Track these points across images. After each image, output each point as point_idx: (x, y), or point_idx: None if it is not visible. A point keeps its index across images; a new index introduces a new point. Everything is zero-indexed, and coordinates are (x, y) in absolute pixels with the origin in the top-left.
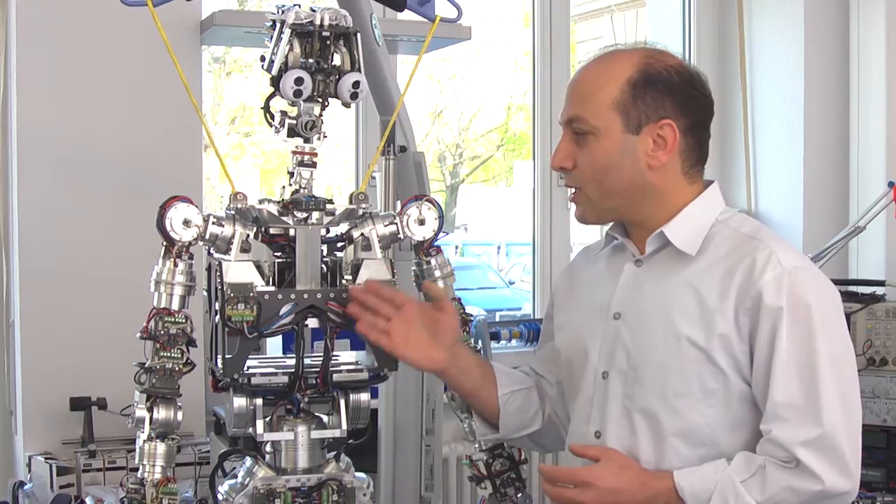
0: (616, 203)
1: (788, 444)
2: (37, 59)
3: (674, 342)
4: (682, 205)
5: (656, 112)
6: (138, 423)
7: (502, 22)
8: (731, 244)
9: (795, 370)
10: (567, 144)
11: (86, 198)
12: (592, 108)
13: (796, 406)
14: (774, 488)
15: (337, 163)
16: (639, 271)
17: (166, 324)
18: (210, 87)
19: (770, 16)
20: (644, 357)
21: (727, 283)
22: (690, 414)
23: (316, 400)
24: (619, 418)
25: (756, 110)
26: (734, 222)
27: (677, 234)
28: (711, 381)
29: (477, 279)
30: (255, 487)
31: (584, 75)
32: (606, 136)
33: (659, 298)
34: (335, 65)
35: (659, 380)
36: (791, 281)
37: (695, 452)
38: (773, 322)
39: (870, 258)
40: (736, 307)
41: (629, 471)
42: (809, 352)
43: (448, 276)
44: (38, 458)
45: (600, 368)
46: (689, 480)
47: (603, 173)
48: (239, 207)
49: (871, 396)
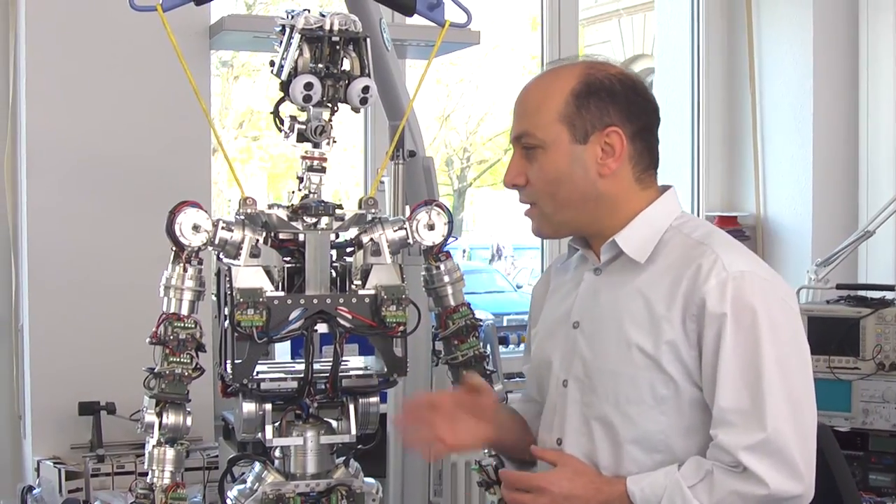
0: (570, 215)
1: (732, 448)
2: (46, 65)
3: (625, 350)
4: (635, 211)
5: (601, 120)
6: (147, 428)
7: (510, 26)
8: (680, 250)
9: (740, 375)
10: (518, 161)
11: (95, 203)
12: (538, 122)
13: (742, 411)
14: (722, 493)
15: (346, 167)
16: (597, 280)
17: (176, 329)
18: (218, 90)
19: (779, 21)
20: (598, 365)
21: (674, 290)
22: (643, 421)
23: (325, 405)
24: (578, 426)
25: (765, 115)
26: (687, 228)
27: (628, 241)
28: (662, 388)
29: (484, 283)
30: (264, 493)
31: (528, 92)
32: (554, 149)
33: (613, 307)
34: (345, 70)
35: (612, 388)
36: (735, 286)
37: (651, 458)
38: (718, 328)
39: (879, 263)
40: (683, 314)
41: (583, 476)
42: (754, 356)
43: (457, 281)
44: (47, 462)
45: (561, 377)
46: (640, 486)
47: (555, 186)
48: (248, 212)
49: (881, 401)
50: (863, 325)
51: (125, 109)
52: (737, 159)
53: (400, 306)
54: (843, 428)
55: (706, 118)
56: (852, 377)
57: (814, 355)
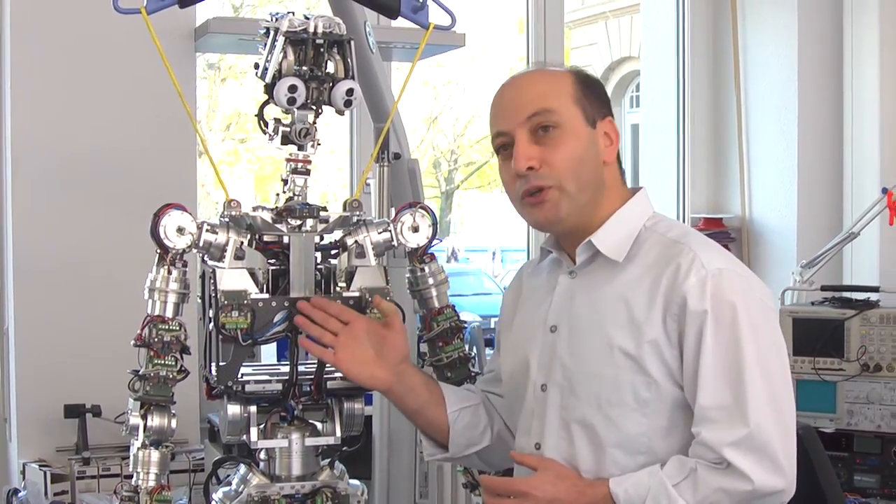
0: (588, 197)
1: (716, 445)
2: (30, 67)
3: (606, 352)
4: (611, 210)
5: (601, 110)
6: (132, 431)
7: (497, 28)
8: (657, 250)
9: (722, 372)
10: (528, 145)
11: (80, 205)
12: (554, 102)
13: (724, 408)
14: (706, 490)
15: (331, 169)
16: (573, 283)
17: (160, 331)
18: (205, 93)
19: (764, 23)
20: (579, 368)
21: (654, 290)
22: (625, 423)
23: (310, 407)
24: (557, 429)
25: (750, 117)
26: (661, 227)
27: (604, 241)
28: (644, 390)
29: (471, 285)
30: (249, 495)
31: (527, 80)
32: (572, 129)
33: (592, 310)
34: (329, 72)
35: (593, 390)
36: (714, 283)
37: (633, 461)
38: (699, 326)
39: (864, 264)
40: (663, 313)
41: (566, 480)
42: (735, 353)
43: (442, 283)
44: (33, 465)
45: (539, 381)
46: (624, 487)
47: (578, 164)
48: (233, 215)
49: (866, 402)
50: (847, 326)
51: (110, 112)
52: (722, 161)
53: None
54: (828, 429)
55: (692, 120)
56: (837, 378)
57: (798, 356)
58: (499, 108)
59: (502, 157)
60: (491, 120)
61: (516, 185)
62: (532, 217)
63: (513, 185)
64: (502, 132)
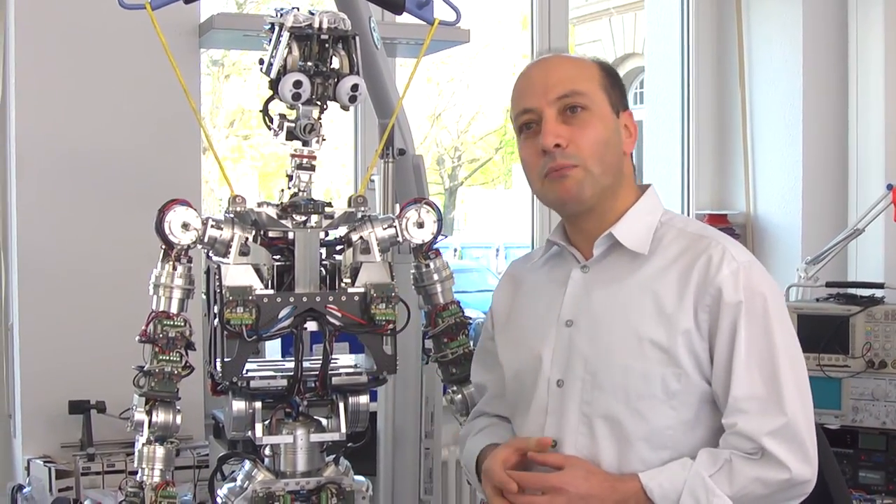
0: (609, 181)
1: (755, 434)
2: (35, 63)
3: (635, 344)
4: (627, 205)
5: (622, 101)
6: (137, 427)
7: (501, 24)
8: (681, 244)
9: (756, 363)
10: (556, 123)
11: (84, 201)
12: (584, 85)
13: (758, 398)
14: (743, 480)
15: (336, 165)
16: (587, 277)
17: (165, 327)
18: (209, 89)
19: (768, 18)
20: (603, 361)
21: (684, 281)
22: (653, 416)
23: (315, 403)
24: (577, 425)
25: (755, 113)
26: (678, 223)
27: (626, 234)
28: (674, 382)
29: (475, 282)
30: (254, 491)
31: (556, 62)
32: (600, 112)
33: (614, 303)
34: (334, 68)
35: (620, 383)
36: (746, 275)
37: (657, 456)
38: (734, 317)
39: (869, 260)
40: (695, 305)
41: (596, 475)
42: (768, 344)
43: (447, 279)
44: (37, 461)
45: (554, 377)
46: (658, 481)
47: (604, 147)
48: (238, 211)
49: (871, 399)
50: (852, 322)
51: (115, 108)
52: (727, 157)
53: (389, 304)
54: (833, 426)
55: (696, 116)
56: (842, 375)
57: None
58: (525, 87)
59: (525, 135)
60: (515, 98)
61: (540, 162)
62: (554, 193)
63: (536, 163)
64: (529, 109)
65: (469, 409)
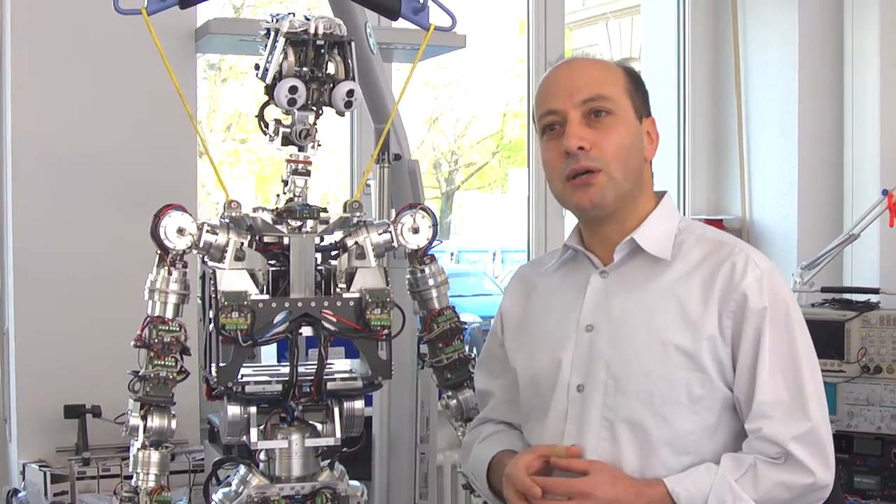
0: (630, 186)
1: (782, 439)
2: (31, 67)
3: (659, 349)
4: (647, 211)
5: (645, 107)
6: (132, 432)
7: (497, 29)
8: (702, 250)
9: (780, 369)
10: (580, 127)
11: (80, 206)
12: (609, 90)
13: (782, 403)
14: (767, 485)
15: (332, 170)
16: (606, 282)
17: (160, 332)
18: (205, 93)
19: (764, 24)
20: (627, 366)
21: (708, 287)
22: (677, 421)
23: (310, 408)
24: (598, 430)
25: (750, 118)
26: (697, 229)
27: (647, 240)
28: (698, 387)
29: (472, 286)
30: (249, 495)
31: (581, 66)
32: (624, 118)
33: (637, 308)
34: (329, 73)
35: (645, 388)
36: (769, 281)
37: (679, 461)
38: (758, 322)
39: (864, 266)
40: (720, 311)
41: (622, 480)
42: (791, 350)
43: (442, 284)
44: (33, 465)
45: (574, 382)
46: (684, 485)
47: (627, 152)
48: (233, 216)
49: (866, 404)
50: (848, 328)
51: (111, 112)
52: (723, 162)
53: (384, 309)
54: None
55: (692, 121)
56: (837, 380)
57: None
58: (551, 89)
59: (548, 136)
60: (540, 99)
61: (562, 164)
62: (576, 200)
63: (558, 165)
64: (553, 111)
65: (464, 415)
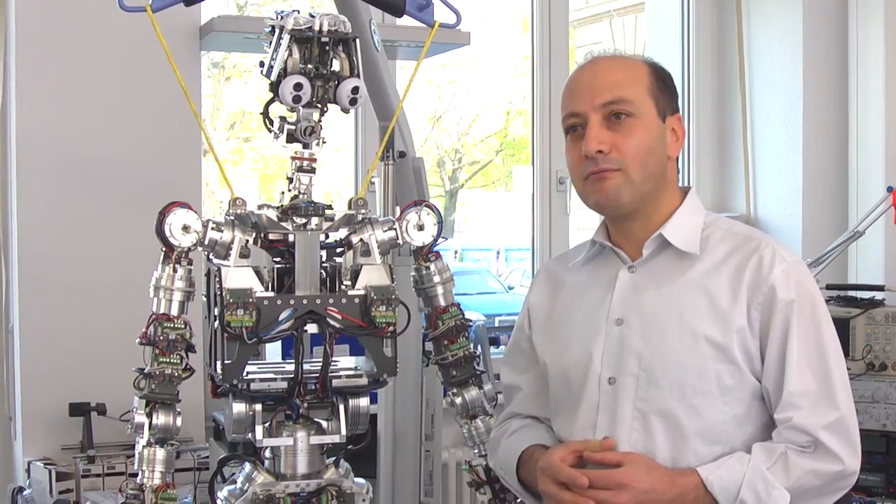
0: (650, 187)
1: (812, 428)
2: (36, 65)
3: (690, 341)
4: (673, 207)
5: (670, 105)
6: (137, 429)
7: (501, 27)
8: (729, 244)
9: (807, 359)
10: (598, 130)
11: (85, 203)
12: (630, 92)
13: (811, 394)
14: (798, 473)
15: (336, 168)
16: (635, 277)
17: (165, 329)
18: (209, 91)
19: (769, 21)
20: (659, 358)
21: (737, 280)
22: (708, 411)
23: (315, 405)
24: (630, 421)
25: (755, 115)
26: (723, 224)
27: (675, 235)
28: (728, 377)
29: (476, 284)
30: (254, 493)
31: (605, 66)
32: (646, 119)
33: (667, 302)
34: (334, 70)
35: (677, 379)
36: (797, 274)
37: (711, 451)
38: (787, 314)
39: (869, 263)
40: (748, 303)
41: (657, 470)
42: (818, 341)
43: (447, 281)
44: (38, 463)
45: (605, 375)
46: (717, 474)
47: (647, 154)
48: (238, 213)
49: (871, 401)
50: (853, 325)
51: (116, 110)
52: (727, 159)
53: (389, 307)
54: None
55: (696, 118)
56: None
57: None
58: (574, 90)
59: (571, 137)
60: (564, 100)
61: (582, 166)
62: (592, 197)
63: (579, 166)
64: (575, 113)
65: (469, 412)
